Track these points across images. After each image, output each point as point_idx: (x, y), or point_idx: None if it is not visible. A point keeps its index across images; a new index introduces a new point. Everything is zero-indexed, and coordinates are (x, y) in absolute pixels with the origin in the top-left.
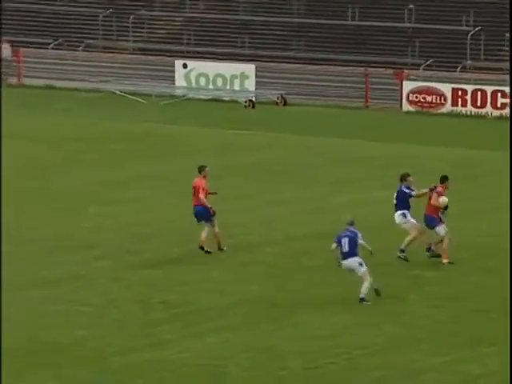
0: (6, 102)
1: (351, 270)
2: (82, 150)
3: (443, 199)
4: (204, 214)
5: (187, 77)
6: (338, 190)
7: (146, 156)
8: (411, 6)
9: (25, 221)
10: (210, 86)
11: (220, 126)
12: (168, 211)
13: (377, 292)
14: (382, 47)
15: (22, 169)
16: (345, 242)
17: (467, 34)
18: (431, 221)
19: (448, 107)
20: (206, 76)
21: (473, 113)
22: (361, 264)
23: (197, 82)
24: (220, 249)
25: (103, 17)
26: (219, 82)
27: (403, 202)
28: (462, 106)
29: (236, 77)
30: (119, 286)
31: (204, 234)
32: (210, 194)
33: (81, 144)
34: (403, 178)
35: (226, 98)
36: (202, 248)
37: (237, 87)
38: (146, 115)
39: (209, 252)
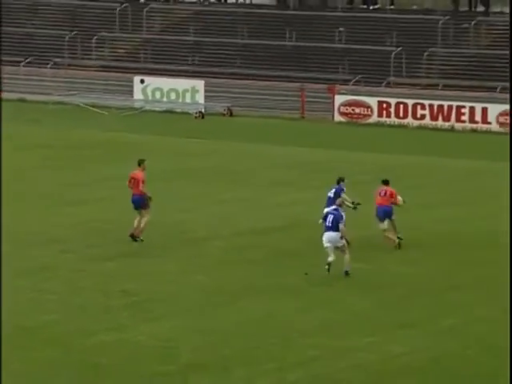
0: None
1: (329, 243)
2: (50, 156)
3: (400, 198)
4: (142, 202)
5: (144, 91)
6: (275, 190)
7: (107, 161)
8: (341, 29)
9: (2, 219)
10: (165, 99)
11: (173, 135)
12: (126, 209)
13: (328, 267)
14: (317, 65)
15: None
16: (330, 218)
17: (391, 54)
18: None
19: (374, 118)
20: (161, 90)
21: (396, 123)
22: (341, 238)
23: (153, 95)
24: (135, 237)
25: (69, 38)
26: (172, 95)
27: (334, 200)
28: (387, 117)
29: (187, 91)
30: (82, 276)
31: (137, 224)
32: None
33: (49, 151)
34: (340, 181)
35: (179, 110)
36: (132, 236)
37: (188, 100)
38: (108, 125)
39: (137, 240)
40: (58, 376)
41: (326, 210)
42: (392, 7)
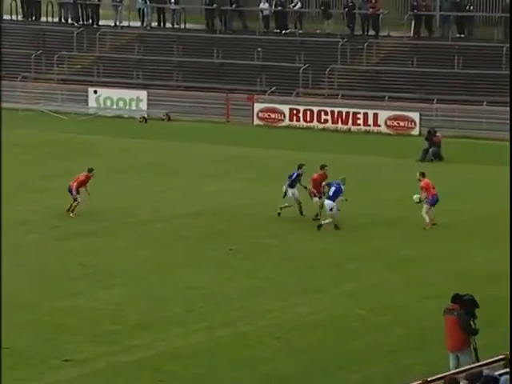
0: None
1: (327, 208)
2: (20, 153)
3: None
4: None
5: (97, 100)
6: (207, 181)
7: (66, 157)
8: (259, 49)
9: None
10: (114, 107)
11: (121, 136)
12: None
13: (319, 227)
14: (239, 78)
15: None
16: (332, 189)
17: (299, 69)
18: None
19: (286, 122)
20: (111, 99)
21: (304, 126)
22: (335, 206)
23: (104, 103)
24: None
25: (35, 56)
26: (121, 103)
27: (293, 182)
28: (297, 121)
29: (133, 100)
30: (46, 252)
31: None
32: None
33: (19, 148)
34: (299, 167)
35: (126, 116)
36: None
37: (134, 107)
38: (67, 128)
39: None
40: (25, 333)
41: (332, 182)
42: (300, 31)
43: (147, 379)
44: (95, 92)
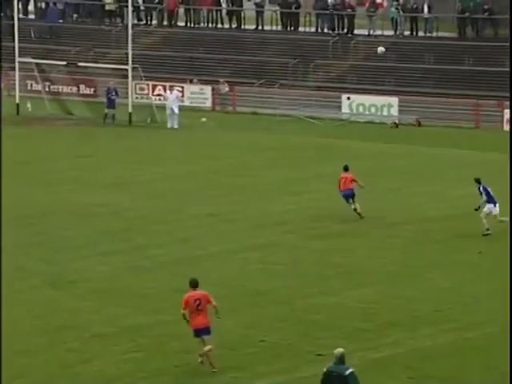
0: (223, 123)
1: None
2: (276, 157)
3: None
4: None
5: (350, 106)
6: (456, 185)
7: (321, 160)
8: None
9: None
10: (366, 113)
11: (373, 141)
12: (336, 199)
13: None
14: (489, 85)
15: (237, 169)
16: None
17: None
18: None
19: None
20: (363, 105)
21: None
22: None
23: (357, 109)
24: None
25: (292, 64)
26: (372, 109)
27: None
28: None
29: (384, 106)
30: (302, 251)
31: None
32: None
33: (276, 152)
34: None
35: (377, 121)
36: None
37: (385, 113)
38: (321, 133)
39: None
40: (281, 327)
41: None
42: None
43: (397, 376)
44: (348, 98)
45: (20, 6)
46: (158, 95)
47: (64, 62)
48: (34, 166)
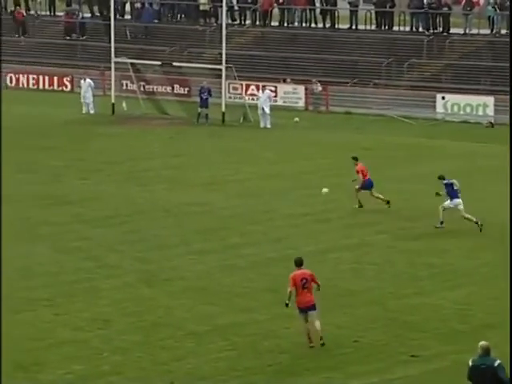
0: (316, 123)
1: None
2: (369, 156)
3: None
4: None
5: (445, 105)
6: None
7: (415, 160)
8: None
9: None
10: (461, 112)
11: (468, 141)
12: (434, 198)
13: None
14: None
15: (330, 169)
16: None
17: None
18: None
19: None
20: (458, 105)
21: None
22: None
23: (451, 109)
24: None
25: (385, 64)
26: (468, 109)
27: None
28: None
29: (480, 105)
30: (394, 251)
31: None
32: None
33: (369, 152)
34: None
35: (472, 121)
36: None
37: (480, 113)
38: (415, 132)
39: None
40: (374, 328)
41: None
42: None
43: None
44: (443, 98)
45: (118, 7)
46: (252, 95)
47: (159, 62)
48: (129, 164)
